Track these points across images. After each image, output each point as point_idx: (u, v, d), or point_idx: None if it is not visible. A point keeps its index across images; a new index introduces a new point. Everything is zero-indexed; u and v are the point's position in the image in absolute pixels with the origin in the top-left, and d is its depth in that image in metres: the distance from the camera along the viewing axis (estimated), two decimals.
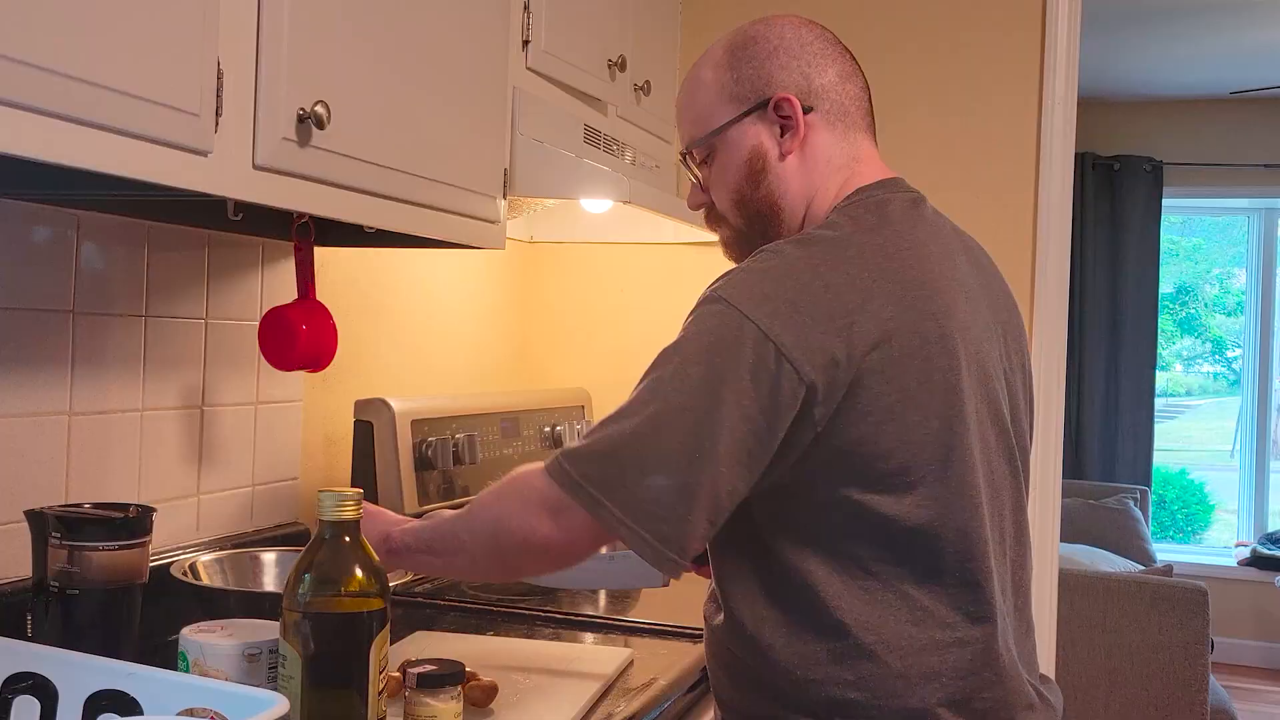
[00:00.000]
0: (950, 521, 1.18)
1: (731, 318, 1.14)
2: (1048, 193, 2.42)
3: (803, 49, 1.31)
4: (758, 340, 1.13)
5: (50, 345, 1.46)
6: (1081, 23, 2.48)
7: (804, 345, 1.13)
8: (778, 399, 1.13)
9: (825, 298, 1.15)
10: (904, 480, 1.17)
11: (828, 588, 1.18)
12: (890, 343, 1.16)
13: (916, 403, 1.16)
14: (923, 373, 1.17)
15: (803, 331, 1.13)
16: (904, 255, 1.22)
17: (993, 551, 1.22)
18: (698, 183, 1.38)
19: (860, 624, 1.17)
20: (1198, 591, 3.45)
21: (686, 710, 1.53)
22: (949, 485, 1.18)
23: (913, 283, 1.20)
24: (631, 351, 2.70)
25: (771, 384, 1.13)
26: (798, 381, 1.13)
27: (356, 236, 1.64)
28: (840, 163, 1.31)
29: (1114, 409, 5.89)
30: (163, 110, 1.07)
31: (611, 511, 1.14)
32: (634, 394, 1.18)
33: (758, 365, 1.13)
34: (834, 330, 1.14)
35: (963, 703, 1.18)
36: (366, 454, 1.95)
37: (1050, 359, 2.44)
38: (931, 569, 1.18)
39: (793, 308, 1.14)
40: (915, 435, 1.16)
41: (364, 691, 1.12)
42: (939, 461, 1.18)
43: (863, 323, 1.15)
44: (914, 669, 1.17)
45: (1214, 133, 5.84)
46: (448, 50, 1.56)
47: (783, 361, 1.12)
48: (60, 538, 1.26)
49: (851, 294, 1.16)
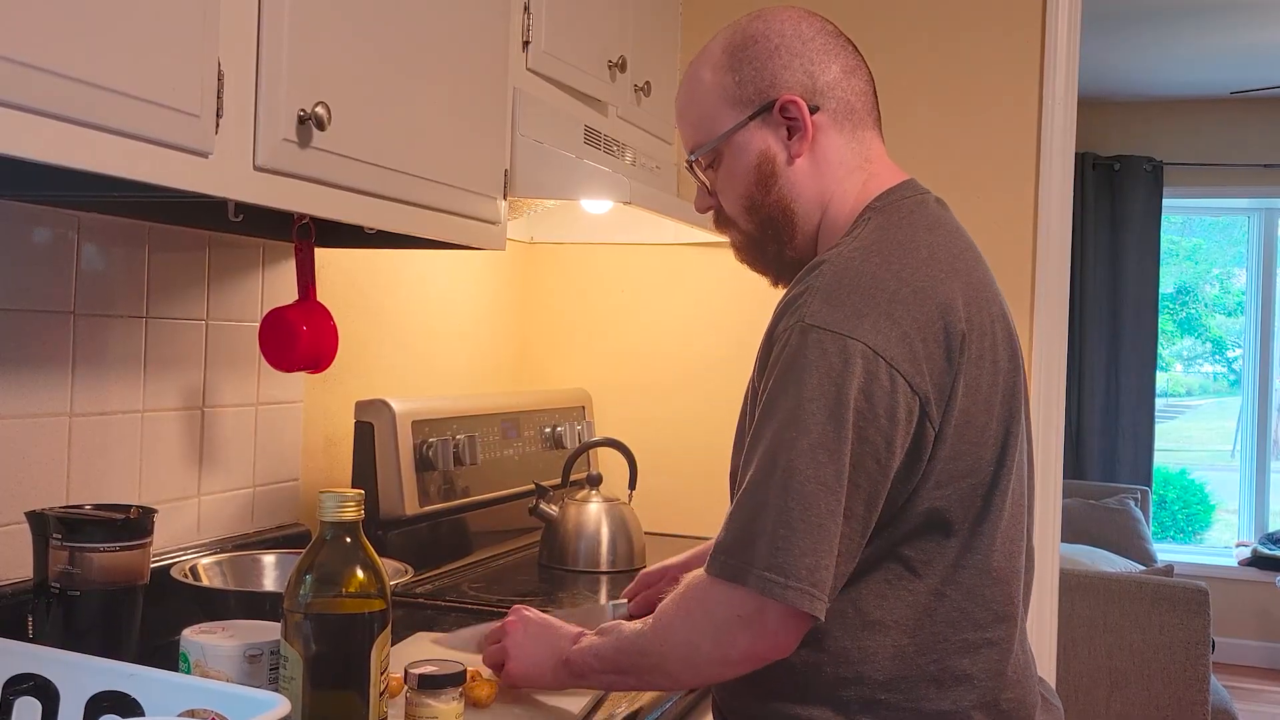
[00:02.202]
0: (998, 521, 1.18)
1: (833, 342, 1.10)
2: (1048, 193, 2.42)
3: (804, 45, 1.28)
4: (867, 358, 1.09)
5: (51, 346, 1.46)
6: (1081, 23, 2.48)
7: (910, 356, 1.11)
8: (895, 415, 1.10)
9: (916, 302, 1.13)
10: (969, 481, 1.16)
11: (864, 586, 1.17)
12: (970, 343, 1.15)
13: (986, 404, 1.16)
14: (992, 374, 1.17)
15: (906, 342, 1.11)
16: (965, 255, 1.22)
17: (1020, 550, 1.23)
18: (704, 187, 1.36)
19: (896, 624, 1.16)
20: (1198, 591, 3.45)
21: (687, 711, 1.53)
22: (1000, 485, 1.18)
23: (977, 283, 1.20)
24: (632, 352, 2.70)
25: (888, 402, 1.10)
26: (911, 394, 1.11)
27: (357, 237, 1.64)
28: (854, 164, 1.29)
29: (1114, 409, 5.89)
30: (163, 111, 1.07)
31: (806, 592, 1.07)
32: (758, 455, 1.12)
33: (870, 383, 1.09)
34: (932, 334, 1.13)
35: (991, 704, 1.18)
36: (367, 455, 1.95)
37: (1050, 359, 2.44)
38: (977, 567, 1.18)
39: (890, 320, 1.11)
40: (982, 436, 1.16)
41: (365, 692, 1.12)
42: (997, 462, 1.18)
43: (952, 323, 1.14)
44: (948, 673, 1.17)
45: (1214, 133, 5.84)
46: (448, 51, 1.56)
47: (895, 376, 1.10)
48: (61, 539, 1.26)
49: (938, 295, 1.15)
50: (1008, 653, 1.19)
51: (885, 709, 1.17)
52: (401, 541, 1.95)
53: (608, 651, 1.24)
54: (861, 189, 1.28)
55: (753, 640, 1.11)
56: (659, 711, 1.43)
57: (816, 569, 1.08)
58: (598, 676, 1.26)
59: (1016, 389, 1.21)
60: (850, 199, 1.27)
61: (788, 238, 1.30)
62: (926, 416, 1.12)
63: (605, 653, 1.25)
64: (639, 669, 1.21)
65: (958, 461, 1.15)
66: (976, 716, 1.17)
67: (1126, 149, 5.91)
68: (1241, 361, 6.25)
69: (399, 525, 1.95)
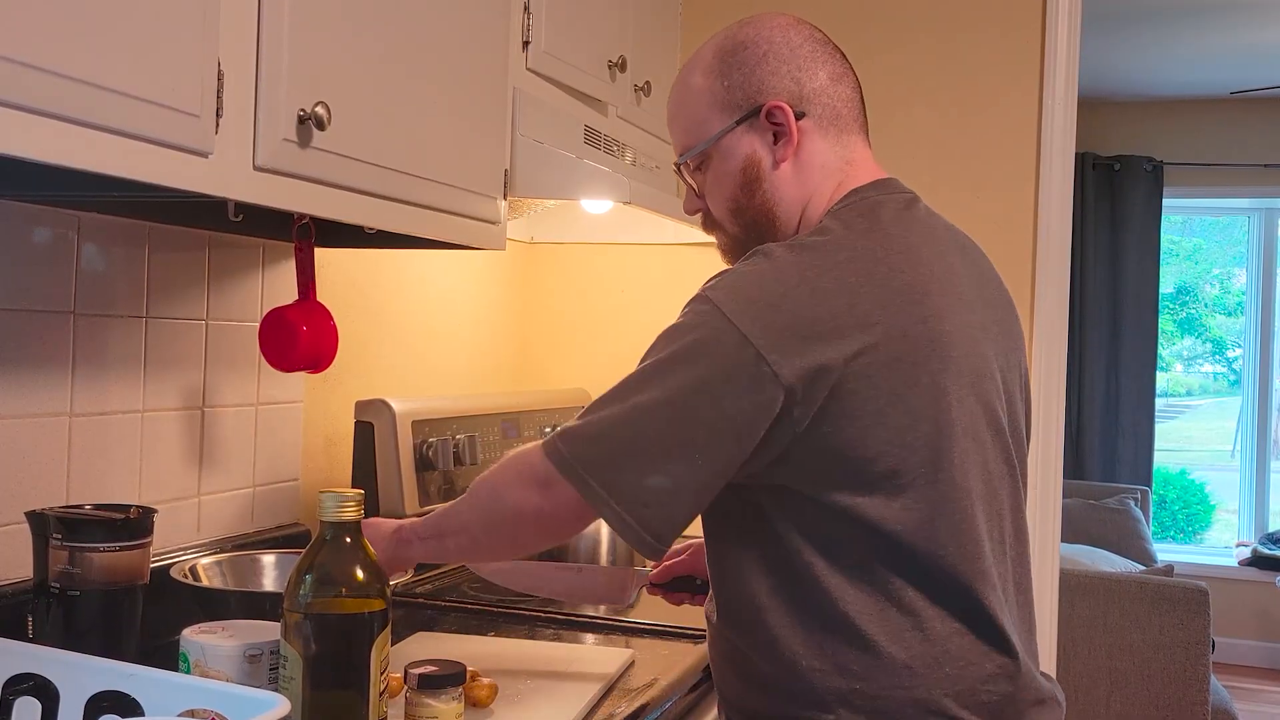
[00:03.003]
0: (943, 523, 1.18)
1: (715, 319, 1.16)
2: (1048, 193, 2.42)
3: (793, 53, 1.30)
4: (738, 343, 1.15)
5: (51, 346, 1.46)
6: (1081, 23, 2.48)
7: (783, 348, 1.14)
8: (756, 399, 1.14)
9: (810, 302, 1.16)
10: (894, 483, 1.17)
11: (830, 581, 1.18)
12: (877, 347, 1.16)
13: (905, 406, 1.17)
14: (910, 376, 1.17)
15: (784, 335, 1.15)
16: (894, 259, 1.22)
17: (990, 552, 1.22)
18: (692, 190, 1.38)
19: (863, 617, 1.18)
20: (1198, 591, 3.45)
21: (688, 711, 1.53)
22: (939, 488, 1.18)
23: (903, 286, 1.20)
24: (632, 352, 2.68)
25: (750, 385, 1.14)
26: (776, 383, 1.14)
27: (357, 237, 1.64)
28: (834, 166, 1.31)
29: (1114, 409, 5.89)
30: (163, 111, 1.07)
31: (597, 492, 1.17)
32: (629, 377, 1.21)
33: (737, 367, 1.14)
34: (817, 334, 1.15)
35: (967, 694, 1.19)
36: (367, 455, 1.95)
37: (1050, 359, 2.44)
38: (924, 571, 1.18)
39: (775, 311, 1.15)
40: (904, 438, 1.17)
41: (365, 692, 1.12)
42: (929, 465, 1.18)
43: (849, 326, 1.16)
44: (918, 660, 1.18)
45: (1214, 133, 5.84)
46: (448, 51, 1.56)
47: (761, 363, 1.14)
48: (61, 539, 1.26)
49: (838, 298, 1.17)
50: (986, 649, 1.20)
51: (860, 697, 1.18)
52: None
53: (431, 518, 1.33)
54: (834, 191, 1.30)
55: (544, 501, 1.21)
56: (659, 711, 1.44)
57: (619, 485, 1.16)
58: (423, 543, 1.33)
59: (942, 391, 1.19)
60: (823, 201, 1.30)
61: (770, 240, 1.31)
62: (790, 409, 1.14)
63: (429, 520, 1.33)
64: (453, 529, 1.31)
65: (879, 463, 1.16)
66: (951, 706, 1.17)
67: (1126, 149, 5.91)
68: (1241, 361, 6.25)
69: None
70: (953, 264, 1.27)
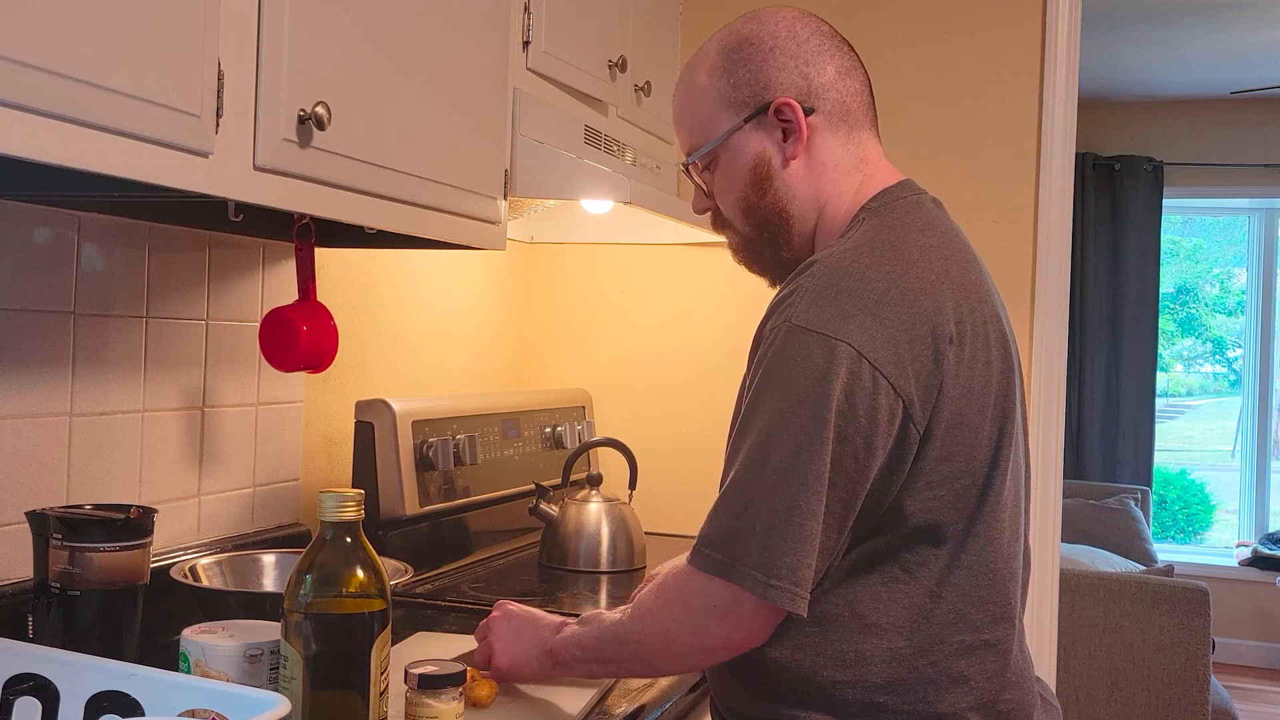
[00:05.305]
0: (993, 521, 1.18)
1: (819, 343, 1.11)
2: (1048, 193, 2.42)
3: (799, 47, 1.27)
4: (851, 360, 1.10)
5: (51, 346, 1.46)
6: (1081, 23, 2.48)
7: (895, 358, 1.11)
8: (876, 416, 1.10)
9: (904, 304, 1.13)
10: (962, 482, 1.16)
11: (861, 589, 1.17)
12: (963, 344, 1.15)
13: (979, 405, 1.16)
14: (985, 376, 1.17)
15: (891, 343, 1.11)
16: (958, 257, 1.22)
17: (1017, 551, 1.23)
18: (701, 189, 1.36)
19: (893, 627, 1.16)
20: (1199, 591, 3.45)
21: (687, 711, 1.53)
22: (994, 486, 1.18)
23: (969, 285, 1.20)
24: (632, 352, 2.70)
25: (870, 403, 1.10)
26: (894, 396, 1.11)
27: (357, 237, 1.64)
28: (849, 165, 1.29)
29: (1114, 409, 5.89)
30: (163, 111, 1.07)
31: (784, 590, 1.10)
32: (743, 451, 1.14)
33: (852, 384, 1.10)
34: (919, 336, 1.13)
35: (989, 705, 1.18)
36: (367, 455, 1.95)
37: (1050, 359, 2.44)
38: (972, 568, 1.18)
39: (876, 321, 1.12)
40: (975, 437, 1.16)
41: (365, 692, 1.12)
42: (991, 463, 1.18)
43: (940, 326, 1.14)
44: (945, 675, 1.16)
45: (1214, 133, 5.84)
46: (448, 51, 1.56)
47: (878, 378, 1.10)
48: (61, 539, 1.26)
49: (927, 297, 1.15)
50: (1006, 654, 1.19)
51: (883, 711, 1.17)
52: (401, 541, 1.95)
53: (589, 641, 1.28)
54: (858, 190, 1.28)
55: (730, 631, 1.14)
56: (659, 711, 1.44)
57: (798, 567, 1.10)
58: (581, 665, 1.30)
59: (1010, 390, 1.21)
60: (846, 200, 1.28)
61: (784, 239, 1.30)
62: (910, 418, 1.12)
63: (587, 642, 1.28)
64: (619, 658, 1.25)
65: (950, 463, 1.15)
66: (974, 718, 1.17)
67: (1126, 149, 5.91)
68: (1242, 361, 6.25)
69: (399, 525, 1.95)
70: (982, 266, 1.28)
